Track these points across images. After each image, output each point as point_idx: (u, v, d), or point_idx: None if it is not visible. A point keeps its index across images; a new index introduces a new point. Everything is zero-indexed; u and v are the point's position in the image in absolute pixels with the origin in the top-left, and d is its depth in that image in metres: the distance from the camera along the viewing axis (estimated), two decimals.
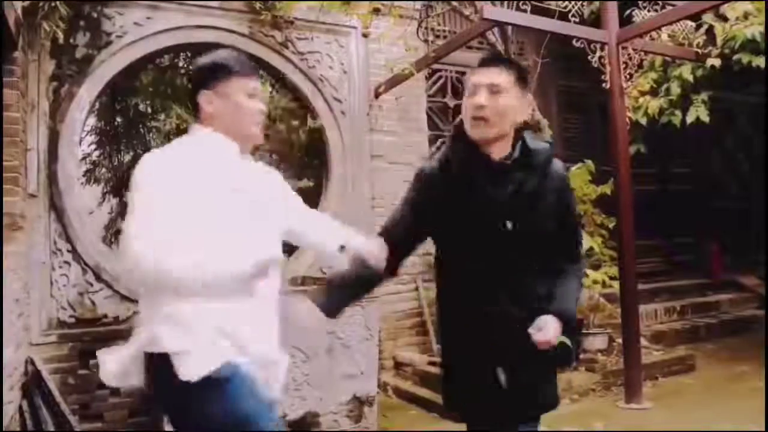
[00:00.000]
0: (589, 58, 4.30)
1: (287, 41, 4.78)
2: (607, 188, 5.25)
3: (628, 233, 4.30)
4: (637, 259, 4.51)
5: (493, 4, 4.21)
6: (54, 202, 3.89)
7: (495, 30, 4.51)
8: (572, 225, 1.93)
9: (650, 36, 4.55)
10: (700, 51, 4.90)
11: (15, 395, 3.22)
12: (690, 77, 5.05)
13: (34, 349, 3.71)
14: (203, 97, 1.72)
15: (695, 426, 3.55)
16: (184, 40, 4.42)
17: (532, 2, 4.14)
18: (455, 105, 6.11)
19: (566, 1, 4.37)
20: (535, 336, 1.73)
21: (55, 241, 3.90)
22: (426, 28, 5.39)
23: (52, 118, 3.92)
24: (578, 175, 5.42)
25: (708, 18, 4.89)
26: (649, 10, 4.66)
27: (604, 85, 4.29)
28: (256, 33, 4.64)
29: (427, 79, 5.81)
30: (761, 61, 4.68)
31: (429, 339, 5.03)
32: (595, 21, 4.56)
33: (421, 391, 4.46)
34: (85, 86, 4.05)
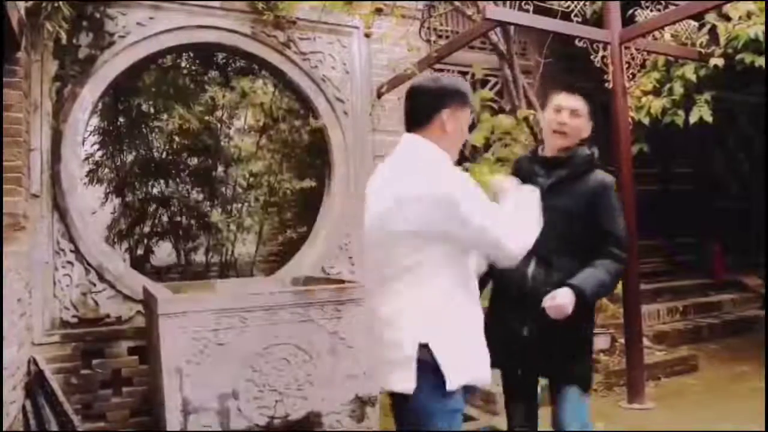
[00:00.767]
0: (592, 57, 4.29)
1: (289, 41, 4.79)
2: None
3: (630, 233, 4.29)
4: (640, 259, 4.51)
5: (496, 4, 4.20)
6: (57, 202, 3.91)
7: (497, 30, 4.51)
8: (606, 226, 2.31)
9: (653, 36, 4.54)
10: (702, 51, 4.89)
11: (18, 395, 3.22)
12: (693, 77, 5.03)
13: (37, 349, 3.72)
14: (445, 113, 1.96)
15: (698, 426, 3.55)
16: (187, 40, 4.43)
17: (535, 2, 4.14)
18: None
19: (569, 1, 4.37)
20: (547, 303, 2.13)
21: (58, 241, 3.91)
22: (428, 28, 5.38)
23: (55, 119, 3.93)
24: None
25: (711, 18, 4.88)
26: (651, 10, 4.65)
27: (606, 84, 4.28)
28: (259, 33, 4.65)
29: None
30: (763, 61, 4.67)
31: None
32: (598, 21, 4.55)
33: None
34: (88, 86, 4.06)
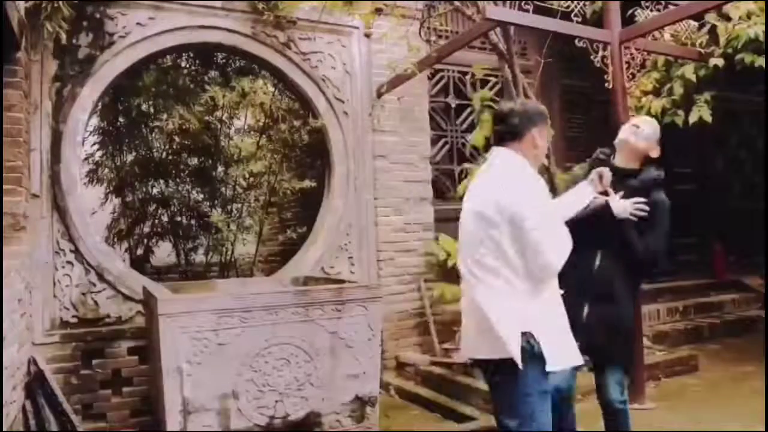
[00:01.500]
0: (592, 57, 4.29)
1: (290, 41, 4.79)
2: None
3: None
4: None
5: (496, 4, 4.20)
6: (57, 202, 3.91)
7: (497, 30, 4.50)
8: (652, 231, 2.99)
9: (653, 36, 4.54)
10: (702, 51, 4.89)
11: (18, 395, 3.23)
12: (693, 77, 5.02)
13: (37, 349, 3.73)
14: (535, 131, 2.37)
15: (698, 426, 3.54)
16: (187, 41, 4.43)
17: (535, 2, 4.14)
18: (457, 105, 6.11)
19: (569, 1, 4.37)
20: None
21: (58, 242, 3.91)
22: (428, 28, 5.38)
23: (55, 119, 3.94)
24: (581, 175, 5.40)
25: (711, 17, 4.87)
26: (651, 10, 4.65)
27: (606, 84, 4.28)
28: (259, 33, 4.65)
29: (430, 79, 5.80)
30: (763, 61, 4.67)
31: (431, 339, 5.02)
32: (598, 21, 4.55)
33: (424, 391, 4.46)
34: (88, 87, 4.06)
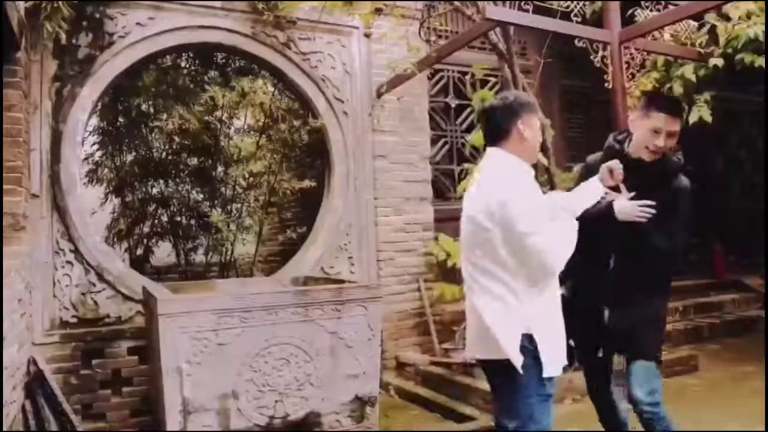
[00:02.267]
0: (592, 57, 4.29)
1: (289, 41, 4.79)
2: None
3: None
4: None
5: (496, 4, 4.20)
6: (57, 202, 3.91)
7: (497, 30, 4.50)
8: (675, 221, 2.54)
9: (652, 36, 4.54)
10: (702, 51, 4.89)
11: (18, 395, 3.22)
12: (692, 77, 5.03)
13: (37, 349, 3.73)
14: (521, 122, 2.16)
15: (698, 426, 3.54)
16: (187, 41, 4.43)
17: (535, 2, 4.13)
18: (457, 105, 6.11)
19: (568, 1, 4.36)
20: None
21: (58, 241, 3.91)
22: (428, 28, 5.39)
23: (55, 119, 3.94)
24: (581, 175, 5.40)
25: (710, 17, 4.88)
26: (651, 10, 4.65)
27: (606, 84, 4.28)
28: (259, 33, 4.65)
29: (429, 79, 5.80)
30: (763, 61, 4.67)
31: (431, 339, 5.02)
32: (598, 21, 4.55)
33: (423, 391, 4.46)
34: (88, 86, 4.06)
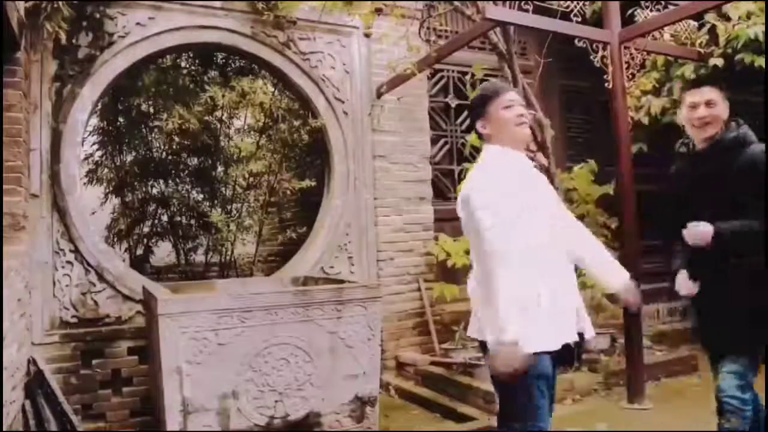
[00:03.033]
0: (592, 57, 4.29)
1: (289, 41, 4.79)
2: (609, 189, 5.24)
3: (631, 233, 4.29)
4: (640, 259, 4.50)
5: (496, 4, 4.20)
6: (56, 202, 3.91)
7: (497, 30, 4.50)
8: (749, 194, 2.46)
9: (652, 35, 4.54)
10: (702, 50, 4.89)
11: (18, 395, 3.22)
12: (692, 77, 5.03)
13: (37, 349, 3.73)
14: (492, 109, 2.18)
15: (698, 426, 3.54)
16: (187, 41, 4.43)
17: (534, 2, 4.14)
18: (457, 105, 6.10)
19: (568, 1, 4.36)
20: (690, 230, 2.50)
21: (58, 241, 3.91)
22: (428, 28, 5.38)
23: (55, 119, 3.94)
24: (581, 175, 5.41)
25: (710, 17, 4.88)
26: (651, 10, 4.65)
27: (606, 84, 4.28)
28: (259, 33, 4.65)
29: (429, 79, 5.80)
30: (763, 61, 4.67)
31: (431, 339, 5.02)
32: (598, 21, 4.55)
33: (423, 391, 4.46)
34: (88, 86, 4.06)
